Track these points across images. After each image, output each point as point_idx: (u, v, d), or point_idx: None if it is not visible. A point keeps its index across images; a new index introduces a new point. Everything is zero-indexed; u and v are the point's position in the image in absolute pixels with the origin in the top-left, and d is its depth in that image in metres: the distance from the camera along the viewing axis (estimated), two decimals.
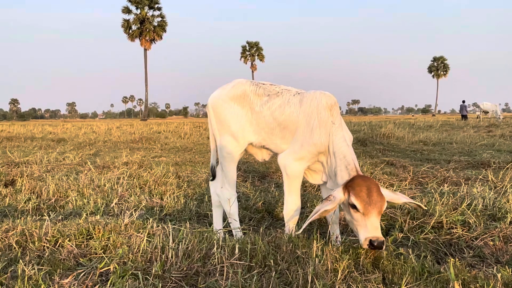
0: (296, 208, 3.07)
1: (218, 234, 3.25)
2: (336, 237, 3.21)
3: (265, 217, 4.18)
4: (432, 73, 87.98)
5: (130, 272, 2.05)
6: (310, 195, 4.76)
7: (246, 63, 77.47)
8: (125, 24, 53.12)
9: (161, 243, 2.34)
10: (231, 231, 3.39)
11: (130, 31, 53.37)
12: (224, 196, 3.32)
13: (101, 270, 2.11)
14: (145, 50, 54.23)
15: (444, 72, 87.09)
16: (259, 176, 6.47)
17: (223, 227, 3.58)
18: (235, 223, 3.34)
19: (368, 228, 2.49)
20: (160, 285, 1.95)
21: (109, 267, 2.11)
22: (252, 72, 77.79)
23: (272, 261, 2.22)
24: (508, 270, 2.27)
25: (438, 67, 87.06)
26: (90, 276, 2.06)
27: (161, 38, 54.32)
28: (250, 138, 3.22)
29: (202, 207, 4.22)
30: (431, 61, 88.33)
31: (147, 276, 2.04)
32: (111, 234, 2.61)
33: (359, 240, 2.56)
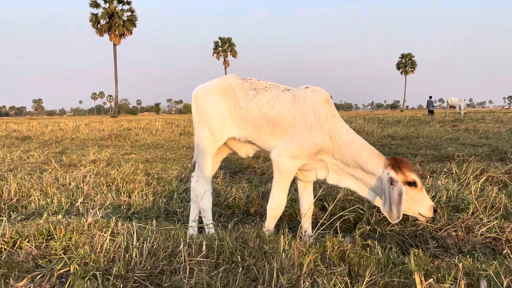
0: (281, 204, 3.03)
1: (191, 229, 3.18)
2: (305, 231, 3.21)
3: (235, 213, 4.15)
4: (400, 70, 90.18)
5: (91, 273, 1.97)
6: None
7: (218, 59, 76.98)
8: (93, 18, 51.71)
9: (125, 242, 2.27)
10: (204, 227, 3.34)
11: (99, 26, 52.00)
12: (199, 191, 3.22)
13: (60, 272, 2.03)
14: (115, 45, 52.98)
15: (412, 69, 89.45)
16: (230, 172, 6.43)
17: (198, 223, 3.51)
18: (207, 219, 3.27)
19: (427, 198, 2.86)
20: (121, 285, 1.89)
21: (68, 269, 2.02)
22: (225, 68, 77.37)
23: (239, 257, 2.20)
24: (469, 260, 2.34)
25: (406, 63, 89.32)
26: (47, 278, 1.98)
27: (131, 33, 53.18)
28: (232, 133, 3.13)
29: (172, 204, 4.14)
30: (399, 58, 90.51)
31: (109, 276, 1.97)
32: (73, 234, 2.51)
33: (421, 216, 2.90)
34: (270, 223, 3.08)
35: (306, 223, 3.27)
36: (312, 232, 3.19)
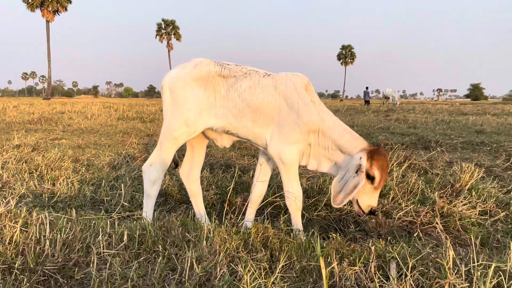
0: (299, 195, 2.96)
1: (202, 220, 3.07)
2: (246, 225, 3.08)
3: (168, 201, 4.09)
4: (341, 61, 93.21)
5: None
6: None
7: (162, 42, 74.77)
8: None
9: (37, 234, 2.14)
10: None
11: (30, 0, 48.12)
12: (151, 176, 3.04)
13: None
14: (48, 22, 49.41)
15: (352, 60, 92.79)
16: None
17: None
18: (148, 207, 3.09)
19: (373, 199, 2.85)
20: (26, 279, 1.78)
21: None
22: (169, 51, 75.35)
23: (160, 246, 2.16)
24: (382, 243, 2.49)
25: (346, 55, 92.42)
26: None
27: (65, 9, 49.89)
28: (209, 123, 2.98)
29: (99, 193, 3.97)
30: (340, 49, 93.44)
31: (14, 270, 1.84)
32: None
33: (357, 204, 2.87)
34: (296, 219, 2.98)
35: (250, 209, 3.25)
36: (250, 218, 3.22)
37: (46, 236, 2.11)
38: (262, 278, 1.86)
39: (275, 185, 4.21)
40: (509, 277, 1.97)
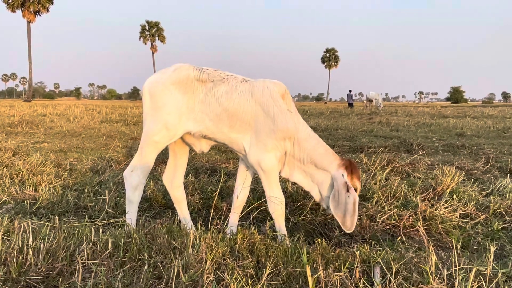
0: (281, 201, 2.98)
1: (188, 226, 3.06)
2: (231, 230, 3.14)
3: (153, 206, 4.06)
4: (325, 64, 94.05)
5: None
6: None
7: (145, 44, 74.18)
8: None
9: (20, 242, 2.10)
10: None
11: (10, 1, 47.20)
12: (132, 182, 3.02)
13: None
14: (29, 22, 48.52)
15: (335, 63, 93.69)
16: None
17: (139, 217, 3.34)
18: (131, 213, 3.07)
19: None
20: None
21: None
22: (153, 53, 74.81)
23: (146, 254, 2.15)
24: (366, 247, 2.52)
25: (330, 58, 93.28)
26: None
27: (47, 10, 49.08)
28: (188, 127, 2.98)
29: (82, 199, 3.91)
30: (324, 52, 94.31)
31: None
32: None
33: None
34: (280, 224, 3.01)
35: (234, 214, 3.27)
36: (234, 223, 3.23)
37: (29, 245, 2.08)
38: (249, 286, 1.87)
39: (260, 190, 4.22)
40: (489, 280, 2.02)
